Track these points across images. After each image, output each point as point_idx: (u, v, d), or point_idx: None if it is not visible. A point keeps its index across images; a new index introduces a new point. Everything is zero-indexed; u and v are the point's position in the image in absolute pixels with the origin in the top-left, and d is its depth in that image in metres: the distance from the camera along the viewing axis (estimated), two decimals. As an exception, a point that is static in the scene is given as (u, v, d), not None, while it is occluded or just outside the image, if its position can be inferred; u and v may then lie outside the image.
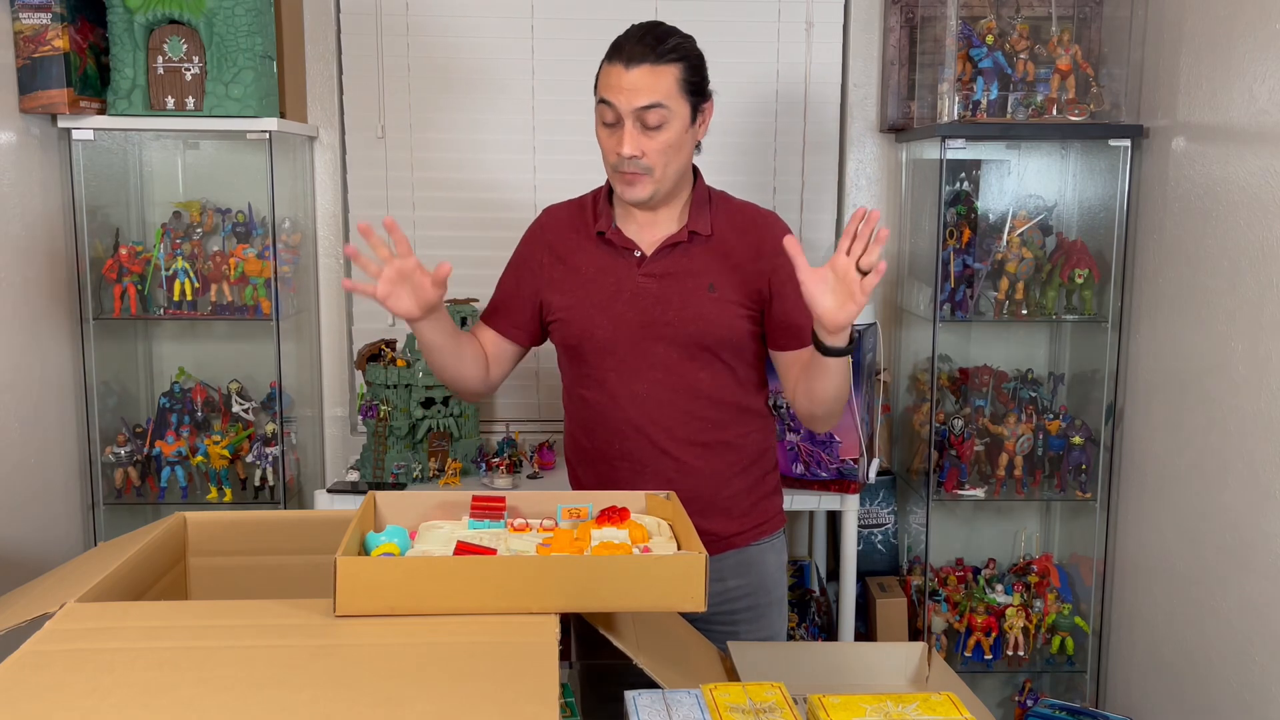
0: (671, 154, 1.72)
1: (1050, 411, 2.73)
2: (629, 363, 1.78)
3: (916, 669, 1.56)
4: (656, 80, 1.67)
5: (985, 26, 2.53)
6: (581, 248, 1.82)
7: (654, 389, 1.78)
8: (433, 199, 2.87)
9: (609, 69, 1.70)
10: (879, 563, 2.92)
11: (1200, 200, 2.26)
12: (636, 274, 1.78)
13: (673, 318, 1.76)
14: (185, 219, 2.65)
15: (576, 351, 1.83)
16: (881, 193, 2.92)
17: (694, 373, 1.78)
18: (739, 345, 1.80)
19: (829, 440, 2.48)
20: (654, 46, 1.68)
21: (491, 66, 2.82)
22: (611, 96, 1.68)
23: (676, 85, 1.69)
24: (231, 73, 2.39)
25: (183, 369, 2.76)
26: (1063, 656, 2.75)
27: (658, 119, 1.68)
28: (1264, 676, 2.03)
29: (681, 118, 1.71)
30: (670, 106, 1.68)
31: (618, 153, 1.70)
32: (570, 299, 1.81)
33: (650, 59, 1.67)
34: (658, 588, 1.19)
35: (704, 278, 1.77)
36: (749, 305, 1.78)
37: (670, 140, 1.70)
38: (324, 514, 1.86)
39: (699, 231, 1.78)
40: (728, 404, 1.82)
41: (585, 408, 1.85)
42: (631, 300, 1.77)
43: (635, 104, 1.67)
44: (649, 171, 1.71)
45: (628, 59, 1.67)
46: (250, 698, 0.99)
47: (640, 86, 1.67)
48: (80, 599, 1.19)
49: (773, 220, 1.84)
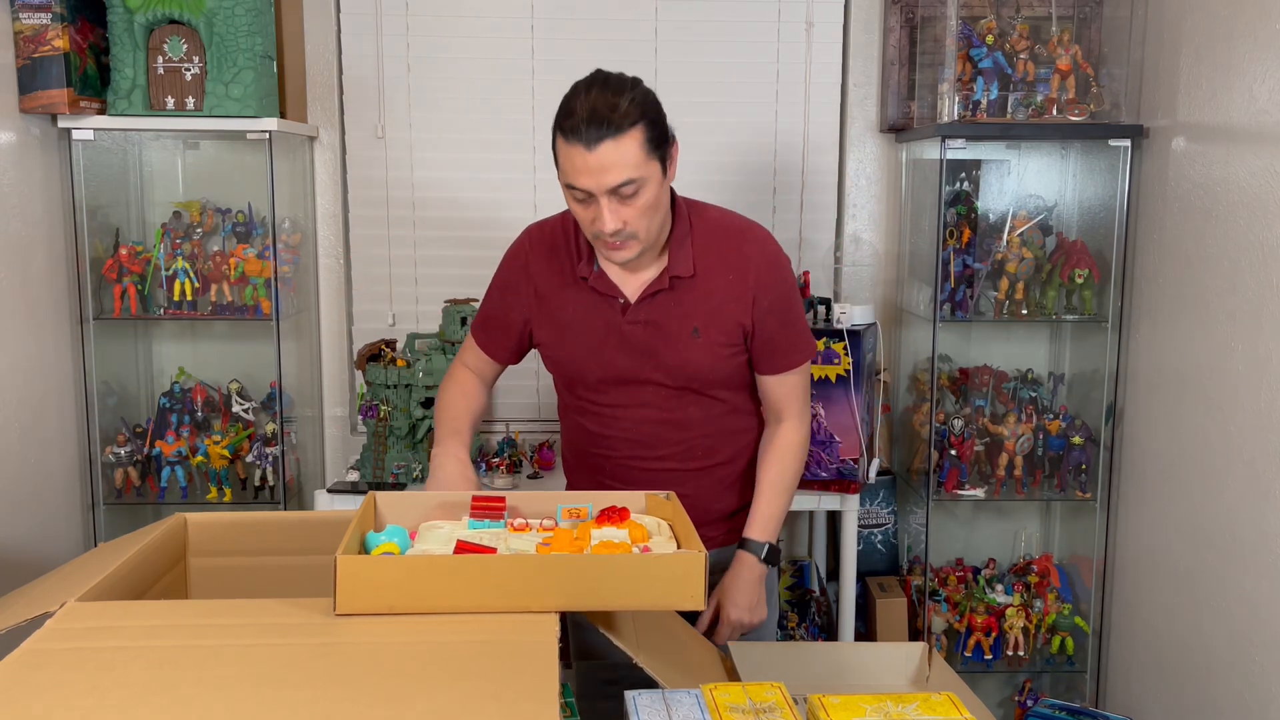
0: (652, 213, 1.64)
1: (1050, 411, 2.73)
2: (620, 400, 1.80)
3: (916, 669, 1.56)
4: (621, 154, 1.56)
5: (985, 26, 2.53)
6: (565, 288, 1.78)
7: (644, 424, 1.80)
8: (433, 199, 2.87)
9: (568, 150, 1.58)
10: (879, 563, 2.92)
11: (1200, 200, 2.26)
12: (621, 321, 1.75)
13: (660, 363, 1.76)
14: (185, 219, 2.65)
15: (568, 384, 1.85)
16: (881, 193, 2.92)
17: (684, 408, 1.79)
18: (728, 380, 1.80)
19: (829, 440, 2.48)
20: (609, 117, 1.55)
21: (491, 66, 2.82)
22: (580, 182, 1.58)
23: (642, 150, 1.58)
24: (231, 73, 2.39)
25: (183, 369, 2.76)
26: (1063, 656, 2.75)
27: (632, 189, 1.59)
28: (1264, 676, 2.02)
29: (654, 178, 1.62)
30: (642, 174, 1.59)
31: (598, 227, 1.62)
32: (557, 340, 1.80)
33: (610, 133, 1.55)
34: (657, 587, 1.20)
35: (689, 321, 1.74)
36: (734, 343, 1.76)
37: (648, 202, 1.62)
38: (324, 514, 1.86)
39: (681, 275, 1.73)
40: (721, 430, 1.83)
41: (579, 430, 1.88)
42: (619, 345, 1.76)
43: (606, 185, 1.57)
44: (634, 236, 1.64)
45: (587, 140, 1.55)
46: (250, 696, 0.99)
47: (608, 165, 1.56)
48: (80, 599, 1.19)
49: (756, 249, 1.77)
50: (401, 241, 2.88)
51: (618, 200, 1.59)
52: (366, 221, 2.88)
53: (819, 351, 2.45)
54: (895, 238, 2.91)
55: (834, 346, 2.44)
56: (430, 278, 2.88)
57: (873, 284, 2.94)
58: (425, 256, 2.89)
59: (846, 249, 2.92)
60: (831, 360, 2.45)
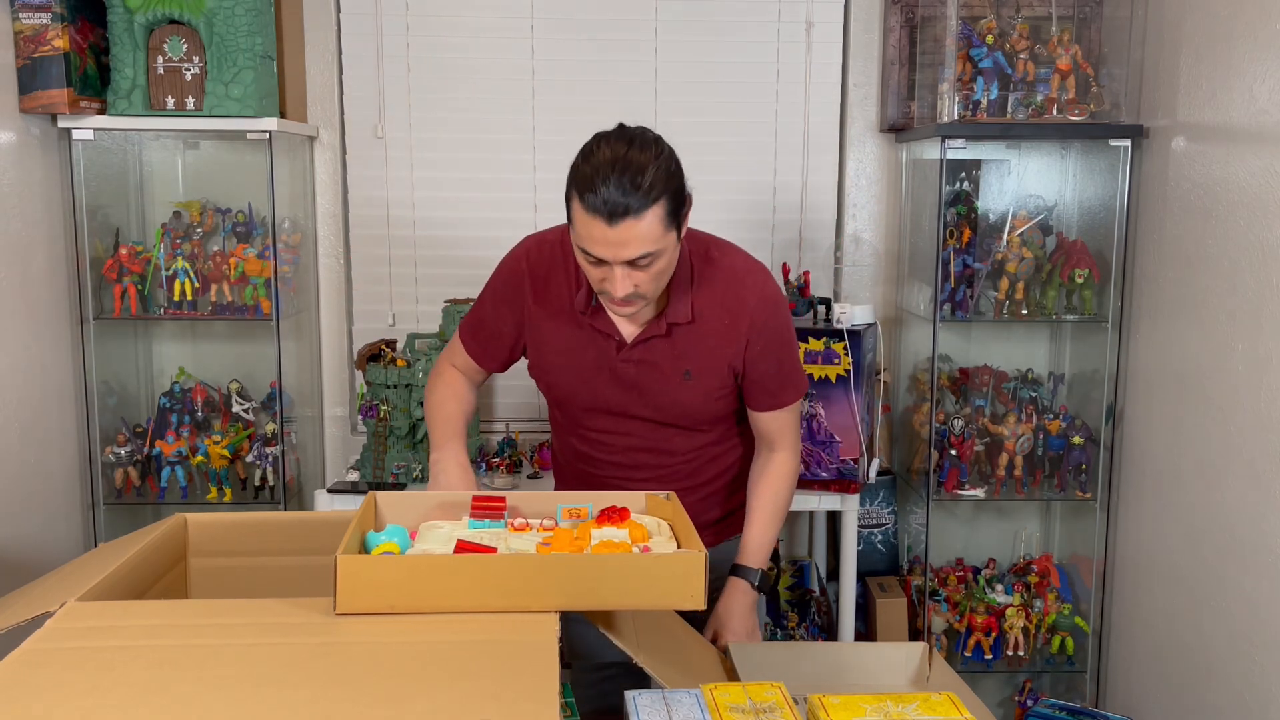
0: (663, 277, 1.62)
1: (1050, 411, 2.73)
2: (606, 427, 1.81)
3: (917, 669, 1.56)
4: (641, 230, 1.52)
5: (985, 26, 2.53)
6: (559, 317, 1.77)
7: (629, 451, 1.82)
8: (433, 199, 2.87)
9: (587, 220, 1.52)
10: (879, 563, 2.92)
11: (1200, 200, 2.26)
12: (615, 358, 1.75)
13: (649, 401, 1.77)
14: (185, 219, 2.65)
15: (555, 402, 1.87)
16: (881, 193, 2.92)
17: (669, 439, 1.81)
18: (715, 418, 1.82)
19: (829, 440, 2.48)
20: (632, 194, 1.49)
21: (491, 66, 2.82)
22: (596, 251, 1.54)
23: (661, 224, 1.54)
24: (231, 73, 2.39)
25: (183, 369, 2.76)
26: (1063, 656, 2.75)
27: (648, 261, 1.56)
28: (1264, 676, 2.02)
29: (670, 246, 1.58)
30: (660, 246, 1.55)
31: (608, 289, 1.59)
32: (551, 364, 1.80)
33: (632, 212, 1.50)
34: (657, 586, 1.20)
35: (682, 363, 1.74)
36: (724, 385, 1.77)
37: (661, 269, 1.60)
38: (324, 515, 1.86)
39: (679, 323, 1.72)
40: (705, 457, 1.86)
41: (568, 448, 1.90)
42: (611, 379, 1.77)
43: (623, 257, 1.54)
44: (642, 297, 1.62)
45: (609, 215, 1.50)
46: (250, 696, 0.99)
47: (627, 240, 1.52)
48: (80, 599, 1.19)
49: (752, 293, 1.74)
50: (401, 241, 2.88)
51: (632, 267, 1.56)
52: (366, 221, 2.88)
53: (819, 351, 2.45)
54: (895, 238, 2.91)
55: (834, 346, 2.44)
56: (430, 278, 2.88)
57: (873, 284, 2.94)
58: (425, 256, 2.89)
59: (846, 249, 2.92)
60: (831, 360, 2.45)
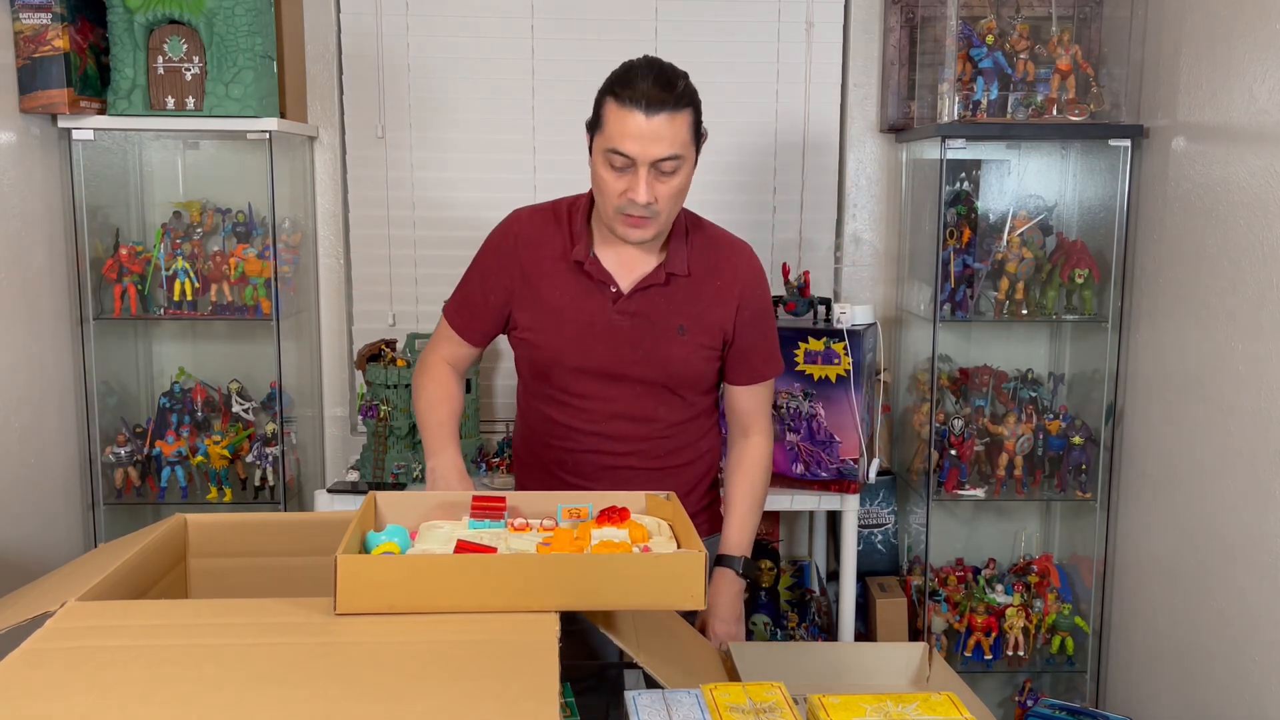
0: (679, 199, 1.70)
1: (1050, 411, 2.73)
2: (592, 390, 1.81)
3: (917, 669, 1.56)
4: (675, 129, 1.61)
5: (985, 26, 2.53)
6: (554, 272, 1.79)
7: (613, 418, 1.82)
8: (433, 199, 2.87)
9: (623, 114, 1.60)
10: (879, 563, 2.92)
11: (1200, 200, 2.26)
12: (611, 310, 1.77)
13: (641, 357, 1.78)
14: (185, 219, 2.66)
15: (541, 370, 1.84)
16: (881, 193, 2.92)
17: (654, 405, 1.82)
18: (700, 380, 1.84)
19: (829, 440, 2.48)
20: (670, 91, 1.60)
21: (491, 66, 2.82)
22: (628, 147, 1.60)
23: (689, 132, 1.64)
24: (231, 73, 2.39)
25: (183, 369, 2.76)
26: (1063, 656, 2.75)
27: (673, 166, 1.64)
28: (1263, 676, 2.02)
29: (690, 163, 1.68)
30: (685, 154, 1.65)
31: (630, 198, 1.64)
32: (540, 324, 1.80)
33: (669, 106, 1.60)
34: (657, 586, 1.20)
35: (675, 319, 1.78)
36: (714, 346, 1.81)
37: (680, 185, 1.67)
38: (324, 515, 1.86)
39: (676, 273, 1.77)
40: (683, 432, 1.86)
41: (543, 421, 1.87)
42: (603, 334, 1.77)
43: (655, 155, 1.61)
44: (656, 215, 1.67)
45: (647, 105, 1.58)
46: (250, 695, 0.99)
47: (662, 136, 1.60)
48: (80, 599, 1.19)
49: (743, 262, 1.83)
50: (401, 241, 2.88)
51: (656, 174, 1.63)
52: (366, 221, 2.88)
53: (819, 352, 2.45)
54: (895, 238, 2.91)
55: (834, 346, 2.44)
56: (430, 278, 2.88)
57: (873, 284, 2.94)
58: (425, 256, 2.89)
59: (846, 249, 2.92)
60: (831, 360, 2.45)
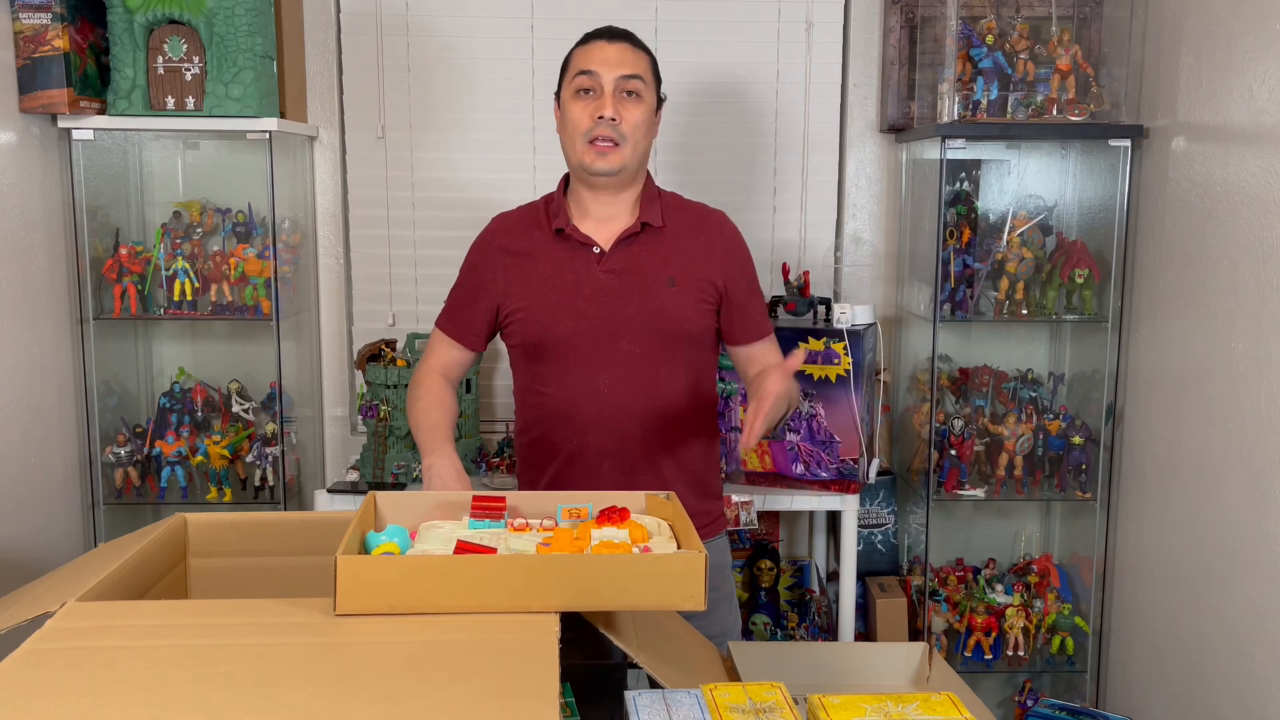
0: (642, 131, 1.81)
1: (1050, 411, 2.73)
2: (590, 359, 1.81)
3: (917, 669, 1.56)
4: (637, 58, 1.81)
5: (985, 26, 2.53)
6: (537, 246, 1.86)
7: (614, 386, 1.81)
8: (433, 199, 2.87)
9: (588, 47, 1.82)
10: (879, 563, 2.92)
11: (1200, 200, 2.26)
12: (596, 270, 1.81)
13: (634, 312, 1.79)
14: (185, 219, 2.66)
15: (536, 349, 1.85)
16: (881, 193, 2.92)
17: (654, 369, 1.82)
18: (697, 339, 1.85)
19: (829, 440, 2.48)
20: (628, 34, 1.84)
21: (491, 66, 2.82)
22: (595, 66, 1.78)
23: (649, 70, 1.83)
24: (231, 73, 2.39)
25: (183, 369, 2.76)
26: (1063, 656, 2.75)
27: (636, 87, 1.79)
28: (1264, 676, 2.02)
29: (650, 100, 1.82)
30: (646, 83, 1.81)
31: (596, 116, 1.76)
32: (529, 298, 1.83)
33: (630, 40, 1.83)
34: (658, 587, 1.19)
35: (663, 271, 1.82)
36: (707, 299, 1.84)
37: (643, 116, 1.80)
38: (324, 515, 1.86)
39: (651, 223, 1.83)
40: (682, 408, 1.85)
41: (543, 405, 1.86)
42: (593, 297, 1.80)
43: (620, 72, 1.78)
44: (623, 140, 1.77)
45: (609, 36, 1.82)
46: (250, 695, 0.99)
47: (625, 58, 1.79)
48: (80, 599, 1.19)
49: (722, 219, 1.93)
50: (401, 241, 2.88)
51: (621, 97, 1.78)
52: (366, 221, 2.88)
53: (819, 351, 2.45)
54: (895, 238, 2.91)
55: (834, 346, 2.44)
56: (430, 278, 2.88)
57: (873, 284, 2.94)
58: (425, 256, 2.89)
59: (846, 249, 2.92)
60: (831, 360, 2.45)
